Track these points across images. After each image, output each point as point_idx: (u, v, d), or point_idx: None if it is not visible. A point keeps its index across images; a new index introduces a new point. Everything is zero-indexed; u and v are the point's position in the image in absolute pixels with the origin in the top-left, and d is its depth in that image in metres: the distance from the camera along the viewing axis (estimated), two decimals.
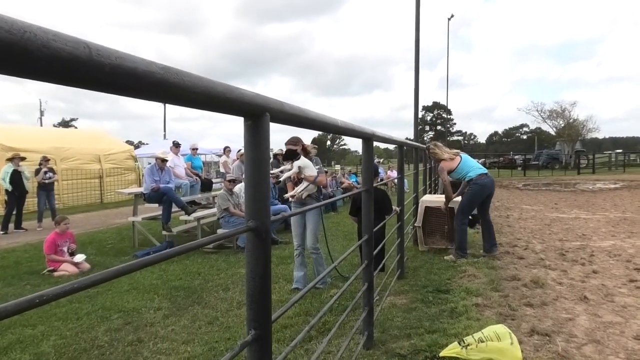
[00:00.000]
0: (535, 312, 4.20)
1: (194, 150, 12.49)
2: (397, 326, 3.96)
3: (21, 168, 11.16)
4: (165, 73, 0.91)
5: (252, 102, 1.30)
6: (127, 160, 19.89)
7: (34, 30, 0.64)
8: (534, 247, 7.08)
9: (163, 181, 8.58)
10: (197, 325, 4.36)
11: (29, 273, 6.65)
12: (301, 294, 2.05)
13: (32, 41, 0.63)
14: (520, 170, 36.56)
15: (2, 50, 0.59)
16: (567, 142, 46.26)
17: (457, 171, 6.51)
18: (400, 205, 5.29)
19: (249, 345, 1.42)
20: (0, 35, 0.59)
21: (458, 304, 4.39)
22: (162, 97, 0.95)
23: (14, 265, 7.14)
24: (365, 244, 3.28)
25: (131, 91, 0.86)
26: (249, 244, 1.43)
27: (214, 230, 9.43)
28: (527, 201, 14.62)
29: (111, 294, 5.37)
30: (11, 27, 0.61)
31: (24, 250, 8.31)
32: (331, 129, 2.22)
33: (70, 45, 0.69)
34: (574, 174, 32.90)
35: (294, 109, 1.63)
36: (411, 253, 6.76)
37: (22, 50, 0.62)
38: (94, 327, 4.41)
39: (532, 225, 9.37)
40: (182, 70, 0.98)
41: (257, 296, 1.42)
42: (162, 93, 0.93)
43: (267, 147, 1.43)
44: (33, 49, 0.64)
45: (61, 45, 0.68)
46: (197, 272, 6.31)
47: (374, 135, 3.22)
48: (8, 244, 9.21)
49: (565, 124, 47.87)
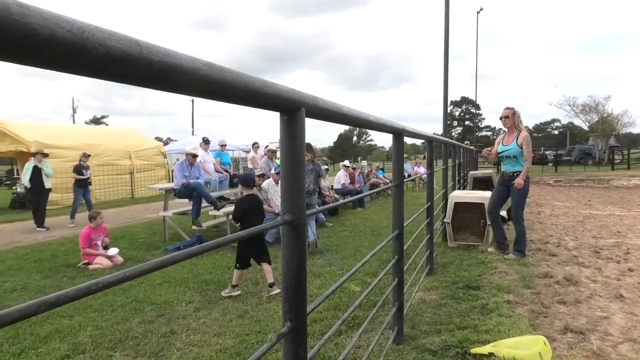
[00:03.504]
0: (568, 309, 4.14)
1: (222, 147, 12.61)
2: (427, 322, 3.95)
3: (42, 164, 10.91)
4: (209, 69, 0.93)
5: (288, 97, 1.32)
6: (156, 157, 20.27)
7: (91, 30, 0.67)
8: (566, 244, 6.95)
9: (193, 177, 8.71)
10: (228, 318, 4.43)
11: (65, 266, 6.86)
12: (333, 288, 2.07)
13: (90, 40, 0.66)
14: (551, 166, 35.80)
15: (64, 48, 0.63)
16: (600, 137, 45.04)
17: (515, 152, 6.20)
18: (429, 201, 5.26)
19: (285, 336, 1.44)
20: (62, 35, 0.62)
21: (489, 300, 4.36)
22: (206, 93, 0.98)
23: (51, 258, 7.38)
24: (395, 239, 3.28)
25: (177, 87, 0.89)
26: (284, 238, 1.46)
27: None
28: (559, 197, 14.32)
29: (144, 287, 5.50)
30: (72, 27, 0.64)
31: (60, 244, 8.56)
32: (363, 124, 2.23)
33: (123, 43, 0.72)
34: (607, 169, 32.01)
35: (328, 104, 1.64)
36: (440, 249, 6.72)
37: (81, 48, 0.65)
38: (128, 318, 4.53)
39: (564, 222, 9.18)
40: (224, 66, 1.00)
41: (293, 289, 1.45)
42: (206, 89, 0.96)
43: (303, 142, 1.45)
44: (90, 48, 0.67)
45: (115, 44, 0.71)
46: (227, 267, 6.40)
47: (405, 130, 3.21)
48: (45, 237, 9.52)
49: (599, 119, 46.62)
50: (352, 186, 13.83)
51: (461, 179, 11.09)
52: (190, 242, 8.22)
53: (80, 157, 12.02)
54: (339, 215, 11.62)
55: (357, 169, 15.70)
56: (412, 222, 5.14)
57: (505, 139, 6.40)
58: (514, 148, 6.17)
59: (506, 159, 6.31)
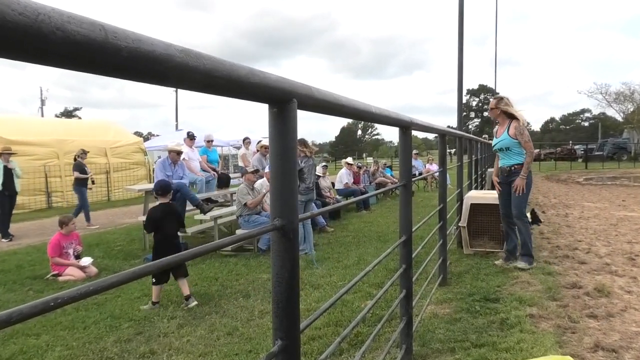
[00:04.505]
0: (599, 324, 4.14)
1: (209, 142, 12.62)
2: (439, 339, 3.95)
3: (11, 164, 10.74)
4: (185, 56, 0.93)
5: (277, 87, 1.31)
6: (135, 154, 20.31)
7: (47, 12, 0.67)
8: (597, 250, 6.95)
9: (176, 176, 8.71)
10: (215, 336, 4.43)
11: (31, 278, 6.87)
12: (331, 302, 2.07)
13: (46, 24, 0.66)
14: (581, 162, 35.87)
15: (17, 33, 0.62)
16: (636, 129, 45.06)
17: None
18: (442, 203, 5.26)
19: (275, 356, 1.44)
20: (13, 18, 0.62)
21: (509, 314, 4.36)
22: (182, 83, 0.98)
23: (16, 269, 7.38)
24: (403, 246, 3.29)
25: (149, 76, 0.89)
26: (274, 245, 1.46)
27: (233, 231, 9.54)
28: (589, 198, 14.33)
29: (120, 301, 5.51)
30: (24, 10, 0.63)
31: (26, 253, 8.57)
32: (365, 117, 2.23)
33: (85, 27, 0.72)
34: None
35: (323, 94, 1.64)
36: (455, 257, 6.72)
37: (36, 33, 0.65)
38: (102, 337, 4.54)
39: (595, 225, 9.19)
40: (202, 52, 1.00)
41: (284, 303, 1.45)
42: (182, 78, 0.95)
43: (295, 137, 1.45)
44: (47, 32, 0.66)
45: (76, 28, 0.70)
46: (215, 278, 6.41)
47: (412, 123, 3.21)
48: (9, 246, 9.53)
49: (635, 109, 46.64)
50: (355, 186, 13.85)
51: (478, 178, 11.10)
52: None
53: (79, 154, 12.11)
54: (341, 218, 11.63)
55: (361, 167, 15.71)
56: (423, 227, 5.15)
57: (497, 132, 6.43)
58: (506, 139, 6.15)
59: (500, 152, 6.32)
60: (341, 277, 6.10)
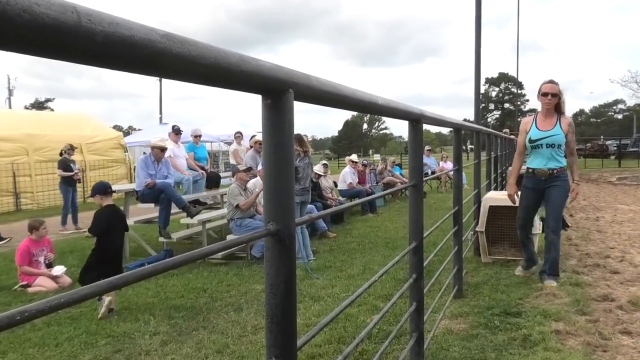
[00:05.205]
0: (634, 342, 4.14)
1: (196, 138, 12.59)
2: (453, 357, 3.95)
3: None
4: (168, 42, 0.93)
5: (272, 76, 1.31)
6: (114, 150, 20.31)
7: None
8: (632, 258, 6.95)
9: (160, 175, 8.70)
10: (203, 354, 4.44)
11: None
12: (333, 315, 2.07)
13: (12, 5, 0.66)
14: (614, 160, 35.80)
15: None
16: None
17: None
18: (457, 205, 5.26)
19: None
20: None
21: (533, 330, 4.36)
22: (164, 72, 0.98)
23: None
24: (413, 254, 3.29)
25: (127, 64, 0.89)
26: (268, 252, 1.46)
27: (223, 237, 9.55)
28: (623, 199, 14.32)
29: (97, 315, 5.50)
30: None
31: None
32: (370, 109, 2.23)
33: (56, 9, 0.72)
34: None
35: (324, 84, 1.64)
36: (472, 266, 6.72)
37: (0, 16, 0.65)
38: (76, 355, 4.54)
39: (629, 230, 9.18)
40: (187, 37, 1.00)
41: (279, 317, 1.45)
42: (164, 66, 0.96)
43: (291, 132, 1.45)
44: (13, 15, 0.66)
45: (44, 10, 0.71)
46: (203, 289, 6.41)
47: (423, 115, 3.22)
48: None
49: None
50: (361, 186, 13.85)
51: (498, 177, 11.09)
52: (157, 257, 8.23)
53: (66, 149, 12.17)
54: (345, 222, 11.64)
55: (367, 165, 15.70)
56: (436, 232, 5.15)
57: (540, 123, 5.95)
58: (560, 134, 5.78)
59: (541, 149, 5.90)
60: (344, 288, 6.10)
